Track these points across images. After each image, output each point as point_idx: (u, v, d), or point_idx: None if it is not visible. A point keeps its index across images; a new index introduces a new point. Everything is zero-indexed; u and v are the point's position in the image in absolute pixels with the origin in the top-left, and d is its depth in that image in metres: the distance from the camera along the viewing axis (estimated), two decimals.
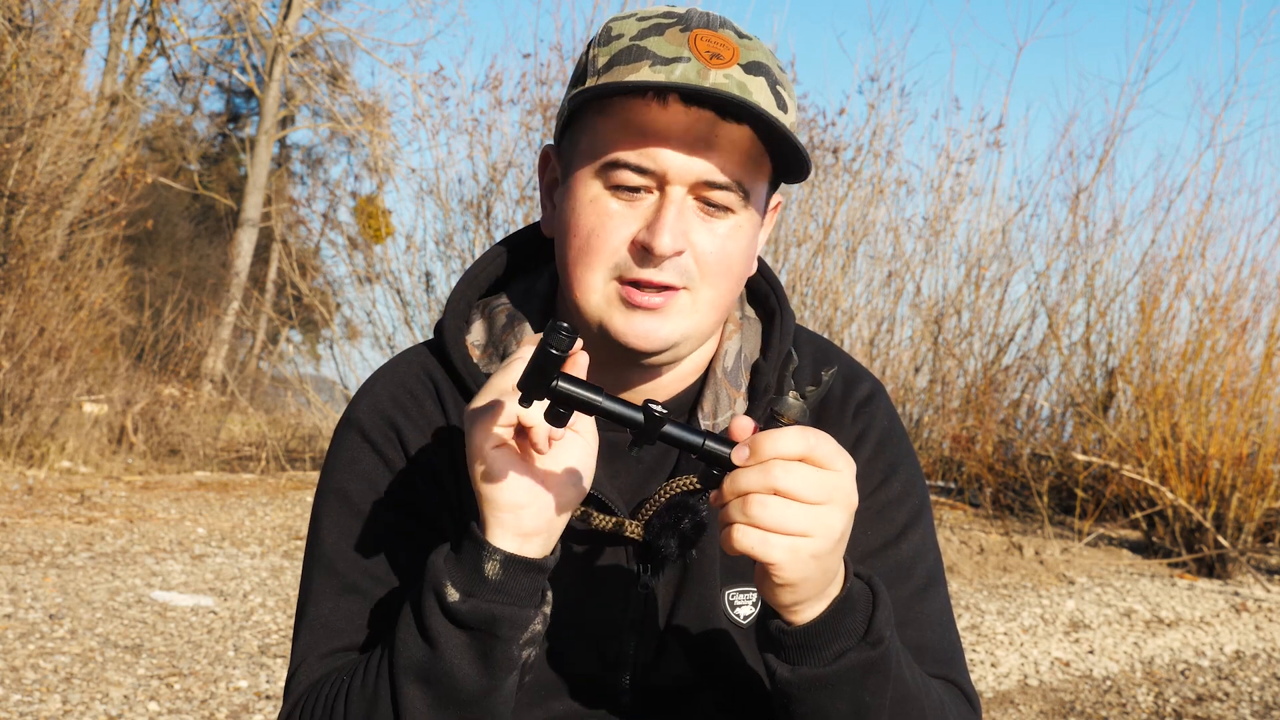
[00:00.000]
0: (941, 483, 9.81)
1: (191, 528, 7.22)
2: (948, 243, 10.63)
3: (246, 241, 21.60)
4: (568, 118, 1.29)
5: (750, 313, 1.44)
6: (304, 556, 1.37)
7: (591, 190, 1.25)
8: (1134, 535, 8.53)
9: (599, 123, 1.25)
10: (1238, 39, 25.04)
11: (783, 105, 1.24)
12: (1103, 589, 6.83)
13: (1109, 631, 5.81)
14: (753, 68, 1.23)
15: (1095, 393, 9.64)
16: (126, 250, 14.13)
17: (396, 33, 44.88)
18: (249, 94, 27.04)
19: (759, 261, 1.41)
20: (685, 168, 1.22)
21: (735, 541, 1.06)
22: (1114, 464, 8.16)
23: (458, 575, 1.12)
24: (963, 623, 5.75)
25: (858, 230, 10.31)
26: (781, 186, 1.36)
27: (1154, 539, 7.97)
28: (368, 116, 16.99)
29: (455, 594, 1.12)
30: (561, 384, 1.04)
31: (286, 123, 25.52)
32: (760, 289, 1.44)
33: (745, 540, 1.05)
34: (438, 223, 10.67)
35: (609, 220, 1.24)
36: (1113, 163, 10.96)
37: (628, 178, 1.23)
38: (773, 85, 1.24)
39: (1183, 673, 5.14)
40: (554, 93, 10.11)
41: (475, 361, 1.36)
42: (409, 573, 1.31)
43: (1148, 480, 7.76)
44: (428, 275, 10.41)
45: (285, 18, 21.79)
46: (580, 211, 1.26)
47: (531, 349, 1.11)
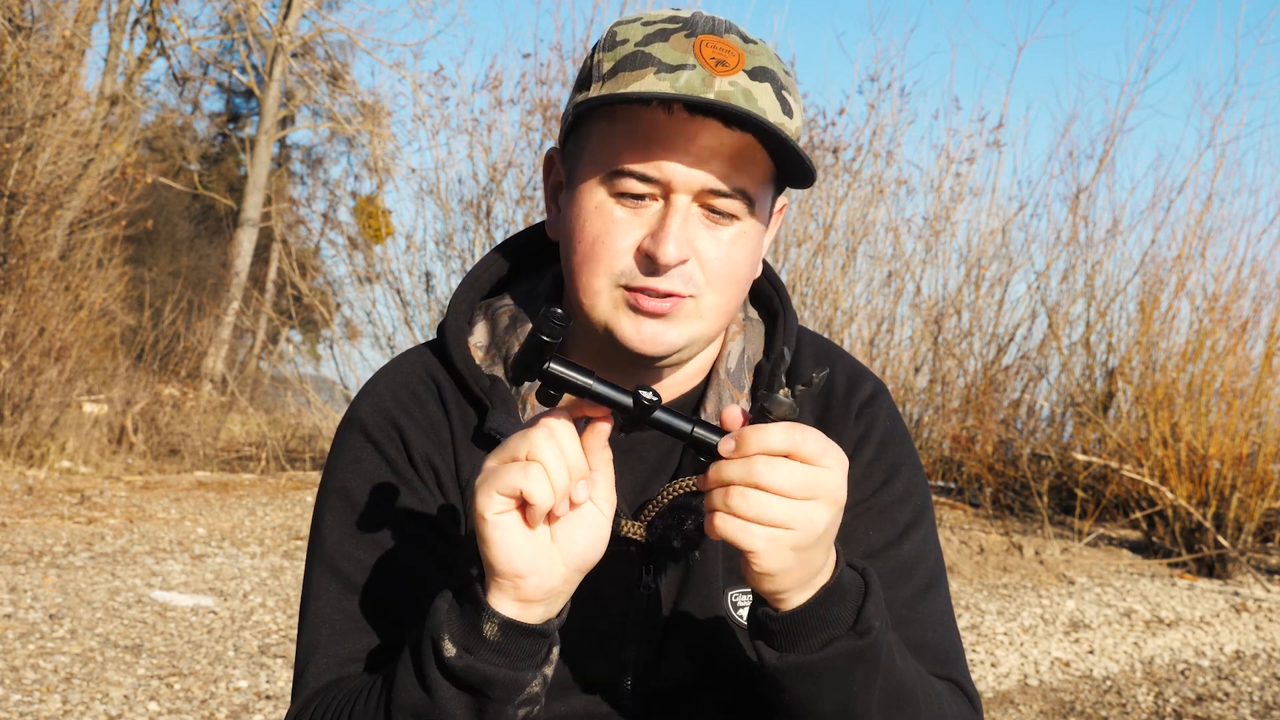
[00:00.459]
0: (941, 483, 9.81)
1: (191, 528, 7.22)
2: (948, 243, 10.64)
3: (246, 241, 21.60)
4: (572, 122, 1.29)
5: (753, 314, 1.44)
6: (306, 555, 1.37)
7: (596, 197, 1.25)
8: (1134, 535, 8.53)
9: (604, 129, 1.25)
10: (1238, 39, 25.02)
11: (788, 110, 1.24)
12: (1103, 589, 6.83)
13: (1109, 631, 5.81)
14: (758, 73, 1.23)
15: (1095, 393, 9.64)
16: (126, 250, 14.12)
17: (396, 33, 44.91)
18: (249, 94, 27.04)
19: (763, 263, 1.41)
20: (690, 176, 1.22)
21: (716, 528, 1.07)
22: (1114, 464, 8.16)
23: (456, 630, 1.11)
24: (963, 623, 5.75)
25: (858, 230, 10.31)
26: (785, 189, 1.36)
27: (1154, 539, 7.97)
28: (368, 116, 17.01)
29: (452, 649, 1.10)
30: (553, 366, 1.05)
31: (286, 123, 25.52)
32: (763, 290, 1.44)
33: (725, 527, 1.07)
34: (438, 223, 10.68)
35: (614, 227, 1.24)
36: (1113, 163, 10.97)
37: (632, 186, 1.23)
38: (778, 90, 1.24)
39: (1183, 673, 5.14)
40: (554, 93, 10.12)
41: (478, 363, 1.36)
42: (411, 572, 1.30)
43: (1148, 480, 7.76)
44: (428, 275, 10.42)
45: (285, 18, 21.79)
46: (585, 218, 1.26)
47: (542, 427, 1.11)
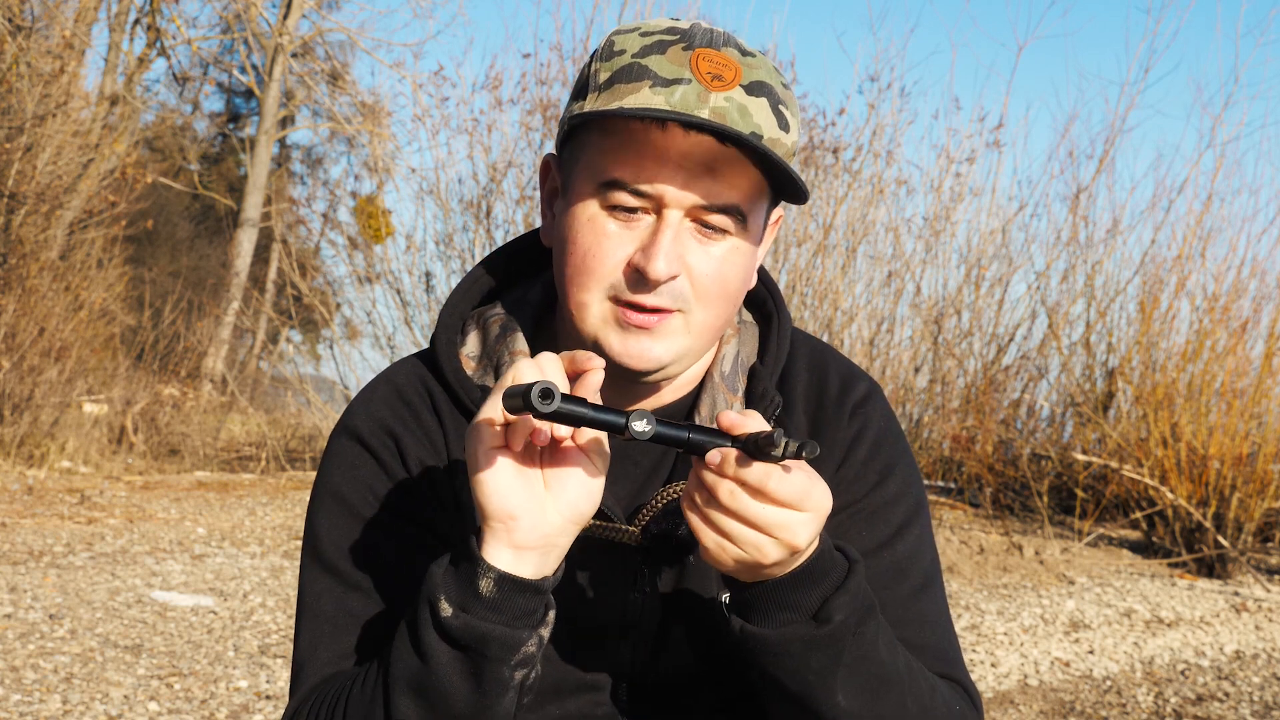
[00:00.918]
0: (941, 483, 9.80)
1: (191, 528, 7.23)
2: (948, 243, 10.64)
3: (246, 241, 21.60)
4: (568, 131, 1.29)
5: (748, 317, 1.44)
6: (301, 558, 1.37)
7: (589, 209, 1.25)
8: (1134, 535, 8.53)
9: (598, 141, 1.25)
10: (1238, 39, 24.96)
11: (784, 125, 1.24)
12: (1103, 589, 6.83)
13: (1109, 631, 5.80)
14: (754, 88, 1.22)
15: (1095, 393, 9.64)
16: (126, 250, 14.12)
17: (396, 33, 44.91)
18: (249, 94, 27.04)
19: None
20: (682, 192, 1.22)
21: (683, 509, 1.13)
22: (1114, 464, 8.16)
23: (453, 589, 1.12)
24: (963, 623, 5.75)
25: (858, 230, 10.31)
26: (781, 201, 1.36)
27: (1154, 539, 7.97)
28: (368, 116, 17.00)
29: (449, 609, 1.11)
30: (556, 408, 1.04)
31: (286, 123, 25.52)
32: (758, 294, 1.44)
33: (687, 513, 1.13)
34: (438, 223, 10.67)
35: (605, 241, 1.24)
36: (1113, 163, 10.96)
37: (625, 199, 1.23)
38: (775, 105, 1.23)
39: (1183, 673, 5.14)
40: (554, 93, 10.11)
41: (469, 374, 1.36)
42: (407, 574, 1.30)
43: (1148, 480, 7.76)
44: (428, 275, 10.42)
45: (285, 18, 21.78)
46: (578, 230, 1.26)
47: (525, 360, 1.12)
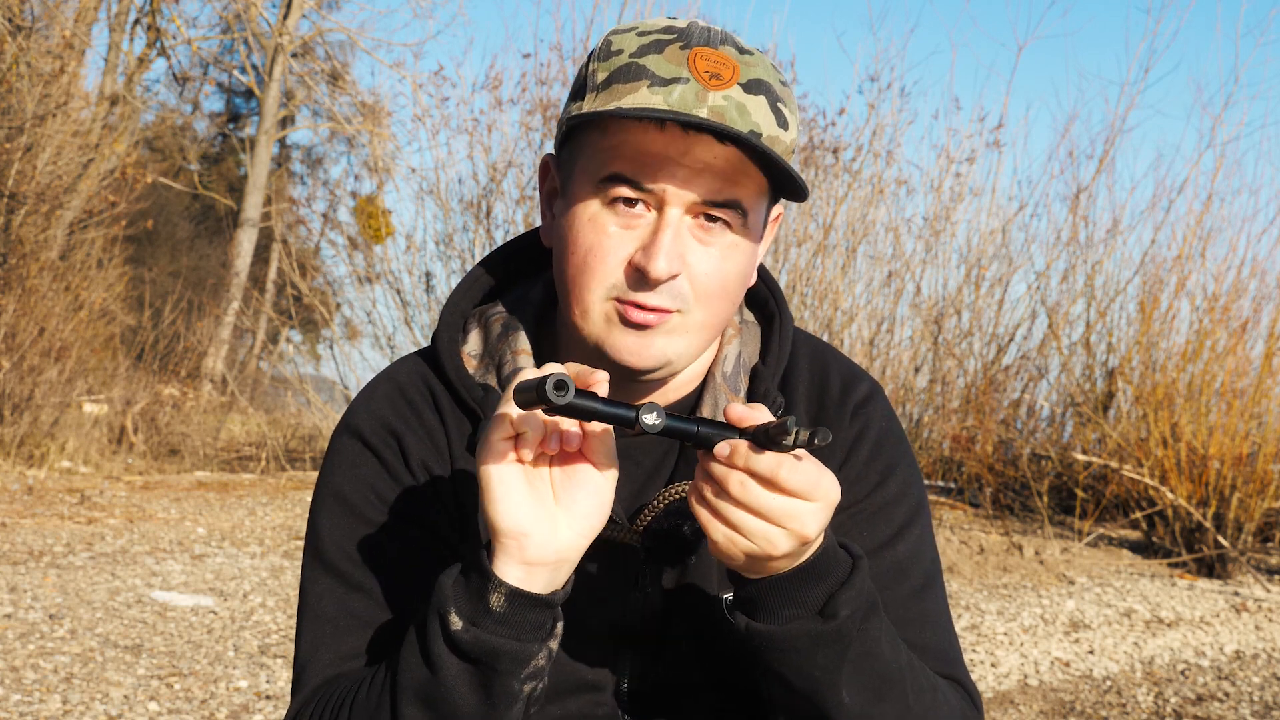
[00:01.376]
0: (941, 483, 9.80)
1: (191, 528, 7.23)
2: (948, 243, 10.63)
3: (246, 241, 21.60)
4: (566, 132, 1.29)
5: (749, 317, 1.44)
6: (303, 558, 1.37)
7: (589, 209, 1.25)
8: (1134, 535, 8.53)
9: (597, 141, 1.25)
10: (1238, 39, 24.97)
11: (783, 122, 1.24)
12: (1103, 589, 6.83)
13: (1109, 631, 5.81)
14: (753, 86, 1.22)
15: (1095, 393, 9.64)
16: (126, 250, 14.12)
17: (396, 33, 44.90)
18: (249, 94, 27.04)
19: (759, 266, 1.41)
20: (682, 190, 1.22)
21: (691, 504, 1.12)
22: (1114, 464, 8.16)
23: (464, 603, 1.12)
24: (963, 623, 5.75)
25: (858, 230, 10.31)
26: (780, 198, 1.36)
27: (1154, 539, 7.97)
28: (368, 116, 17.00)
29: (459, 622, 1.11)
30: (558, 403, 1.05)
31: (286, 123, 25.51)
32: (759, 293, 1.44)
33: (695, 507, 1.12)
34: (438, 223, 10.67)
35: (606, 240, 1.24)
36: (1113, 163, 10.96)
37: (626, 191, 1.23)
38: (773, 103, 1.23)
39: (1183, 673, 5.14)
40: (554, 93, 10.11)
41: (471, 372, 1.36)
42: (410, 574, 1.30)
43: (1148, 480, 7.76)
44: (428, 275, 10.42)
45: (285, 18, 21.78)
46: (578, 229, 1.26)
47: (527, 358, 1.12)
